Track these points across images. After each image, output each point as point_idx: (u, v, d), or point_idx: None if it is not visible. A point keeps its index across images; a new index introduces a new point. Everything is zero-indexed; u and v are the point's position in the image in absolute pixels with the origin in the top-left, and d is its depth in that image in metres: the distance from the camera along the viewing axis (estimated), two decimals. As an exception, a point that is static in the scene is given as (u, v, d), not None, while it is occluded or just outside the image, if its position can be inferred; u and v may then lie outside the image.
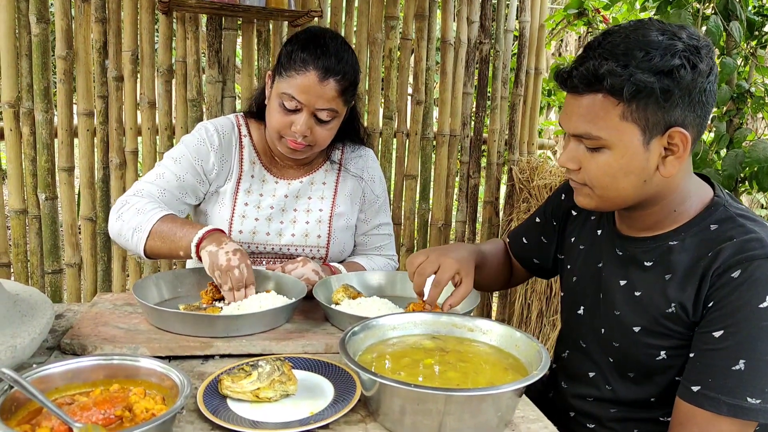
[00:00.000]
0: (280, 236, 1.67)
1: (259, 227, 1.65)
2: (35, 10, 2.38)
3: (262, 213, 1.66)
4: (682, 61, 1.00)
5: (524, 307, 3.10)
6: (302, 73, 1.49)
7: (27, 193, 2.52)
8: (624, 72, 1.01)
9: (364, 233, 1.81)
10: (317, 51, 1.50)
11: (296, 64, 1.50)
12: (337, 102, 1.54)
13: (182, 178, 1.60)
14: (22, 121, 2.46)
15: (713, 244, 1.07)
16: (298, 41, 1.54)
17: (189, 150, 1.63)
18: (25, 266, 2.58)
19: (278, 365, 1.01)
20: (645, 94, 1.01)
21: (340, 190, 1.74)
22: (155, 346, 1.16)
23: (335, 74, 1.50)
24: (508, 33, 3.07)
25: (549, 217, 1.46)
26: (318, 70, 1.49)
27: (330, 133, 1.60)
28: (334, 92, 1.51)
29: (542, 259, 1.49)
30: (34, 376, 0.90)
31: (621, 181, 1.08)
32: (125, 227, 1.48)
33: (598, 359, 1.26)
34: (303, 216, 1.69)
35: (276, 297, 1.35)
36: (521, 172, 3.09)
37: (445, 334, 1.15)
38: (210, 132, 1.65)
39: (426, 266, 1.27)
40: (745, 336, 0.99)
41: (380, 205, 1.82)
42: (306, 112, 1.52)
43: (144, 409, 0.87)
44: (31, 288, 1.15)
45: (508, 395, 0.92)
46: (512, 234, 1.58)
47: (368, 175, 1.79)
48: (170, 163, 1.62)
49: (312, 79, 1.49)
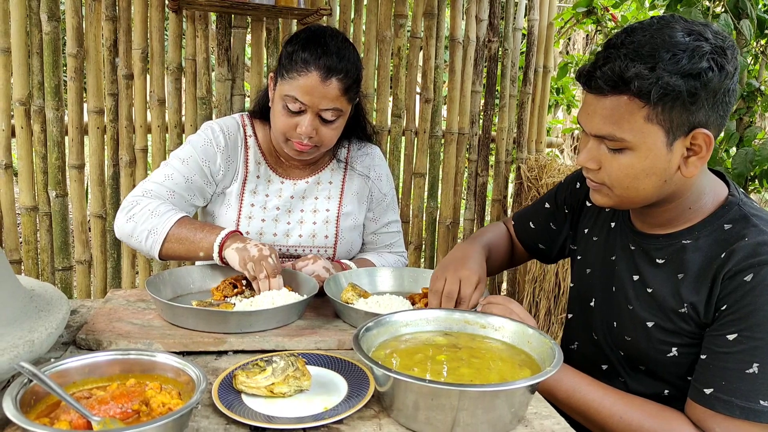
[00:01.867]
0: (288, 237, 1.67)
1: (266, 228, 1.65)
2: (46, 8, 2.40)
3: (269, 214, 1.66)
4: (709, 63, 0.99)
5: (532, 306, 3.10)
6: (304, 74, 1.47)
7: (37, 191, 2.53)
8: (651, 75, 0.99)
9: (374, 232, 1.80)
10: (318, 50, 1.48)
11: (297, 65, 1.48)
12: (341, 101, 1.52)
13: (190, 179, 1.60)
14: (33, 118, 2.47)
15: (726, 244, 1.06)
16: (298, 41, 1.52)
17: (196, 151, 1.62)
18: (35, 263, 2.59)
19: (292, 361, 1.02)
20: (672, 97, 0.99)
21: (346, 189, 1.74)
22: (169, 342, 1.17)
23: (337, 73, 1.48)
24: (516, 31, 3.07)
25: (561, 204, 1.45)
26: (320, 69, 1.47)
27: (336, 133, 1.59)
28: (338, 91, 1.50)
29: (548, 245, 1.49)
30: (52, 371, 0.91)
31: (642, 182, 1.07)
32: (138, 229, 1.48)
33: (610, 352, 1.26)
34: (310, 216, 1.69)
35: (288, 293, 1.35)
36: (529, 171, 3.09)
37: (458, 330, 1.15)
38: (216, 132, 1.64)
39: (451, 288, 1.27)
40: (759, 340, 0.99)
41: (388, 203, 1.81)
42: (310, 113, 1.51)
43: (161, 403, 0.88)
44: (46, 284, 1.16)
45: (522, 391, 0.92)
46: (518, 217, 1.57)
47: (375, 173, 1.78)
48: (178, 163, 1.60)
49: (314, 79, 1.47)
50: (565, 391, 1.12)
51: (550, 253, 1.50)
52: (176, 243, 1.46)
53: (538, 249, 1.52)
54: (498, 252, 1.53)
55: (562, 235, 1.46)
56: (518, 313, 1.17)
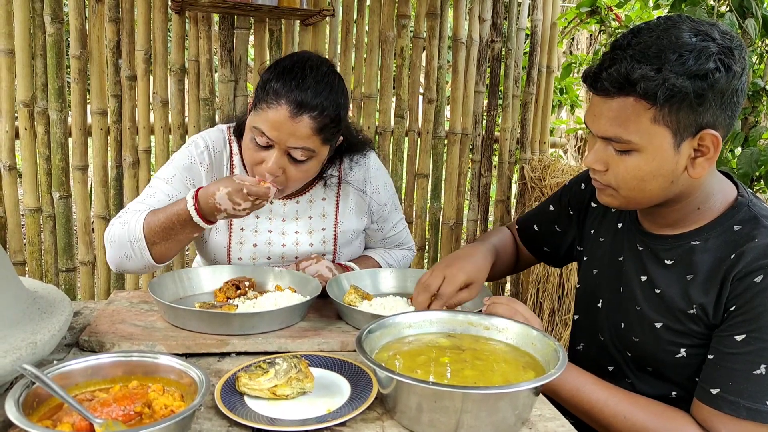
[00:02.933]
0: (283, 259, 1.60)
1: (259, 253, 1.58)
2: (50, 10, 2.41)
3: (261, 238, 1.58)
4: (716, 64, 0.98)
5: (536, 306, 3.09)
6: (273, 107, 1.34)
7: (41, 192, 2.54)
8: (657, 76, 0.98)
9: (382, 238, 1.76)
10: (291, 83, 1.34)
11: (269, 96, 1.35)
12: (314, 140, 1.37)
13: (174, 197, 1.48)
14: (36, 120, 2.48)
15: (736, 246, 1.06)
16: (275, 69, 1.39)
17: (179, 170, 1.52)
18: (39, 264, 2.60)
19: (295, 363, 1.02)
20: (678, 98, 0.99)
21: (341, 205, 1.64)
22: (172, 344, 1.17)
23: (310, 110, 1.34)
24: (520, 31, 3.06)
25: (565, 205, 1.44)
26: (290, 104, 1.33)
27: (305, 175, 1.44)
28: (309, 130, 1.35)
29: (553, 248, 1.48)
30: (54, 373, 0.91)
31: (649, 183, 1.07)
32: (119, 247, 1.40)
33: (616, 353, 1.25)
34: (305, 238, 1.60)
35: (291, 295, 1.35)
36: (533, 171, 3.08)
37: (461, 332, 1.15)
38: (200, 149, 1.54)
39: (430, 282, 1.24)
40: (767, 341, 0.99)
41: (390, 209, 1.73)
42: (278, 150, 1.37)
43: (163, 405, 0.87)
44: (49, 285, 1.16)
45: (526, 393, 0.92)
46: (522, 221, 1.56)
47: (371, 186, 1.66)
48: (161, 183, 1.51)
49: (283, 114, 1.33)
50: (569, 391, 1.12)
51: (556, 255, 1.49)
52: (156, 234, 1.36)
53: (543, 252, 1.51)
54: (504, 256, 1.52)
55: (568, 237, 1.45)
56: (523, 313, 1.16)
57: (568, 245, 1.46)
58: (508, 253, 1.55)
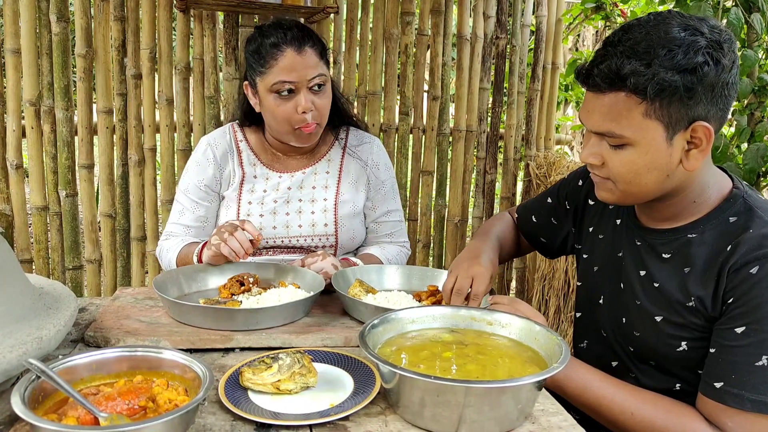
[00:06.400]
0: (288, 228, 1.70)
1: (265, 222, 1.69)
2: (55, 9, 2.41)
3: (266, 208, 1.70)
4: (705, 57, 0.99)
5: (541, 304, 3.09)
6: (280, 57, 1.55)
7: (48, 190, 2.55)
8: (647, 71, 1.00)
9: (374, 220, 1.82)
10: (280, 32, 1.56)
11: (269, 53, 1.56)
12: (321, 65, 1.60)
13: (196, 209, 1.73)
14: (43, 119, 2.49)
15: (731, 237, 1.06)
16: (260, 35, 1.60)
17: (190, 177, 1.73)
18: (46, 262, 2.61)
19: (298, 358, 1.02)
20: (669, 92, 1.00)
21: (343, 177, 1.76)
22: (176, 339, 1.18)
23: (308, 41, 1.57)
24: (524, 28, 3.05)
25: (562, 199, 1.46)
26: (292, 45, 1.54)
27: (328, 101, 1.64)
28: (316, 57, 1.58)
29: (549, 239, 1.51)
30: (60, 367, 0.92)
31: (644, 176, 1.08)
32: (164, 266, 1.72)
33: (619, 349, 1.26)
34: (308, 206, 1.72)
35: (295, 291, 1.36)
36: (538, 168, 3.08)
37: (464, 327, 1.15)
38: (204, 148, 1.74)
39: (462, 285, 1.27)
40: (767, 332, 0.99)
41: (387, 191, 1.82)
42: (302, 89, 1.56)
43: (167, 399, 0.88)
44: (55, 282, 1.17)
45: (528, 388, 0.92)
46: (522, 209, 1.59)
47: (372, 161, 1.80)
48: (183, 197, 1.73)
49: (291, 55, 1.54)
50: (576, 387, 1.12)
51: (551, 247, 1.52)
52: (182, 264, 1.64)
53: (539, 242, 1.54)
54: (506, 245, 1.56)
55: (563, 230, 1.47)
56: (525, 312, 1.17)
57: (562, 238, 1.48)
58: (509, 242, 1.59)
